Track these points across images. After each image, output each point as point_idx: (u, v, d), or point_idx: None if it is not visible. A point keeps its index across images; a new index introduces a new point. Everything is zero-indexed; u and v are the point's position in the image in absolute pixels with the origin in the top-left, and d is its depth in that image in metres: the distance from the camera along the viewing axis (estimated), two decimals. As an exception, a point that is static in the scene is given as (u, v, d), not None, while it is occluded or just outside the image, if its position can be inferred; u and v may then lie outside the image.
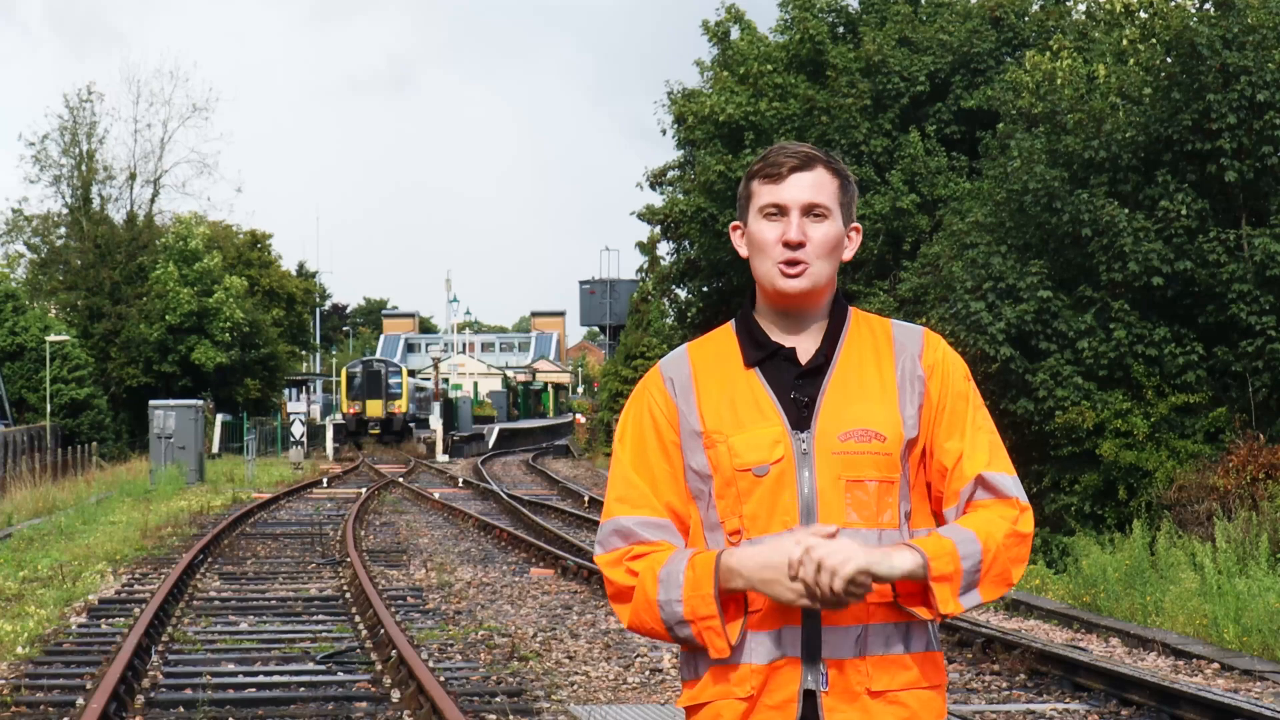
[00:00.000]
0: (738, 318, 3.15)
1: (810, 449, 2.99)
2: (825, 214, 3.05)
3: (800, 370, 3.04)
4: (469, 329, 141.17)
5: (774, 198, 3.05)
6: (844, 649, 2.95)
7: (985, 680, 11.47)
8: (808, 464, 2.98)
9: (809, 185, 3.04)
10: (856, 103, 30.54)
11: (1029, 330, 21.54)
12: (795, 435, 3.00)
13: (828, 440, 2.99)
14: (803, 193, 3.04)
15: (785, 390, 3.03)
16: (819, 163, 3.06)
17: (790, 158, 3.06)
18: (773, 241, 3.04)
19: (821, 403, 3.02)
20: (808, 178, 3.05)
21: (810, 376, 3.04)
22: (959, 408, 3.07)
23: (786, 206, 3.04)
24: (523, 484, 43.11)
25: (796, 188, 3.04)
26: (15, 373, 51.40)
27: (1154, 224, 21.17)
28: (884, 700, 2.97)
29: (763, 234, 3.05)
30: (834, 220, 3.06)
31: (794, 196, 3.04)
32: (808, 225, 3.03)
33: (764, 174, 3.07)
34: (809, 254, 3.02)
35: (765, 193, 3.06)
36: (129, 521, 25.64)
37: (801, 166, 3.05)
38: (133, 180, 60.80)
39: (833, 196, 3.06)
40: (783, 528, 2.95)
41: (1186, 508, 18.78)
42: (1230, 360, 20.87)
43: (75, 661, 12.26)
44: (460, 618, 14.87)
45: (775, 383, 3.04)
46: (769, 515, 2.97)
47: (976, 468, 3.02)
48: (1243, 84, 20.80)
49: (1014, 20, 31.91)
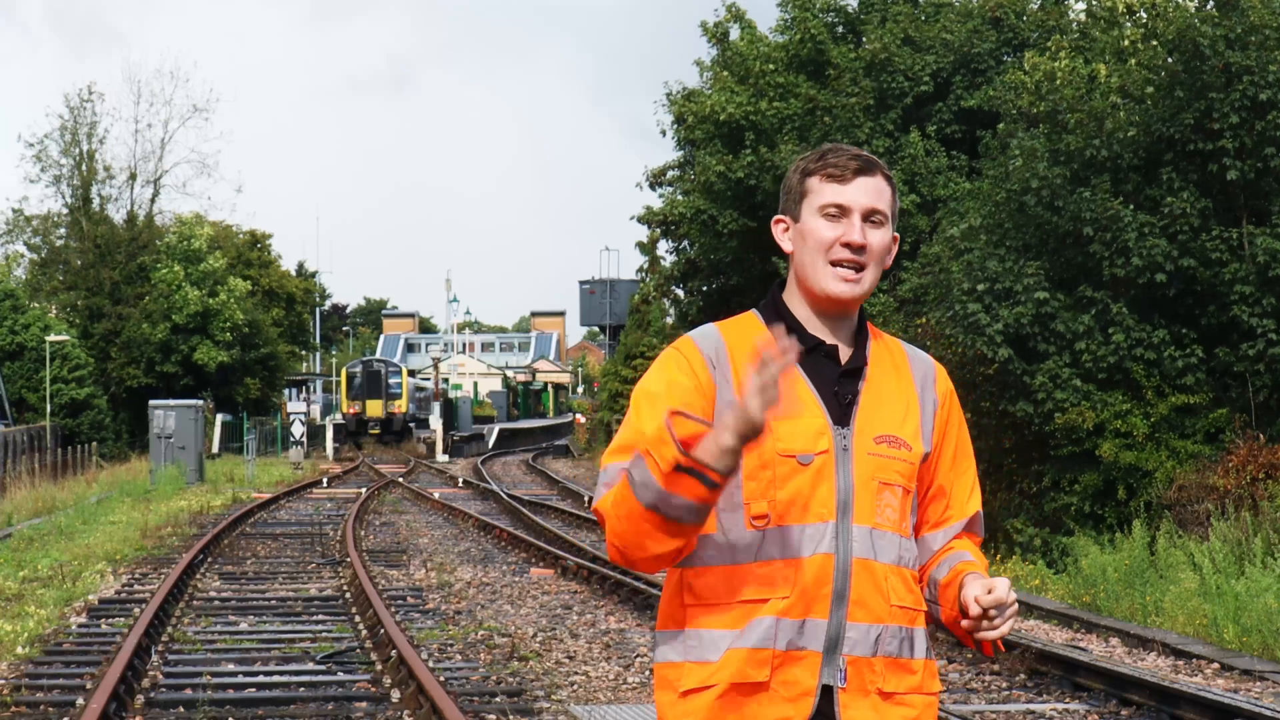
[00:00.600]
0: (764, 309, 3.13)
1: (850, 445, 3.02)
2: (883, 221, 3.07)
3: (841, 369, 3.06)
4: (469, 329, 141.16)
5: (838, 198, 3.04)
6: (864, 647, 2.98)
7: (985, 680, 11.47)
8: (847, 460, 3.01)
9: (872, 190, 3.05)
10: (860, 102, 30.53)
11: (1026, 332, 21.53)
12: (837, 430, 3.02)
13: (864, 440, 3.02)
14: (867, 196, 3.04)
15: (827, 385, 3.04)
16: (878, 169, 3.08)
17: (854, 160, 3.06)
18: (832, 241, 3.03)
19: (860, 403, 3.05)
20: (871, 183, 3.05)
21: (848, 376, 3.07)
22: (964, 443, 3.19)
23: (849, 209, 3.04)
24: (523, 484, 43.12)
25: (861, 191, 3.04)
26: (15, 373, 51.40)
27: (1158, 220, 21.15)
28: (893, 701, 3.01)
29: (821, 233, 3.05)
30: (888, 228, 3.08)
31: (858, 199, 3.04)
32: (867, 230, 3.04)
33: (826, 173, 3.06)
34: (867, 259, 3.04)
35: (828, 192, 3.05)
36: (129, 521, 25.64)
37: (865, 170, 3.06)
38: (133, 180, 60.84)
39: (889, 203, 3.08)
40: (818, 520, 2.97)
41: (1186, 508, 18.78)
42: (1231, 361, 20.86)
43: (75, 661, 12.26)
44: (460, 618, 14.87)
45: (816, 377, 3.05)
46: (805, 505, 2.98)
47: (975, 507, 3.20)
48: (1245, 83, 20.78)
49: (1014, 20, 31.91)
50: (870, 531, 2.99)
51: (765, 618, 2.95)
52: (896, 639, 3.00)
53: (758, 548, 2.98)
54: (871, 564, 2.98)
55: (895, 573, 3.01)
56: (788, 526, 2.97)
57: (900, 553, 3.03)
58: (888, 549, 3.01)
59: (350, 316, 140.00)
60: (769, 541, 2.98)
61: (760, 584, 2.96)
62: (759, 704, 2.97)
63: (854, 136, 30.39)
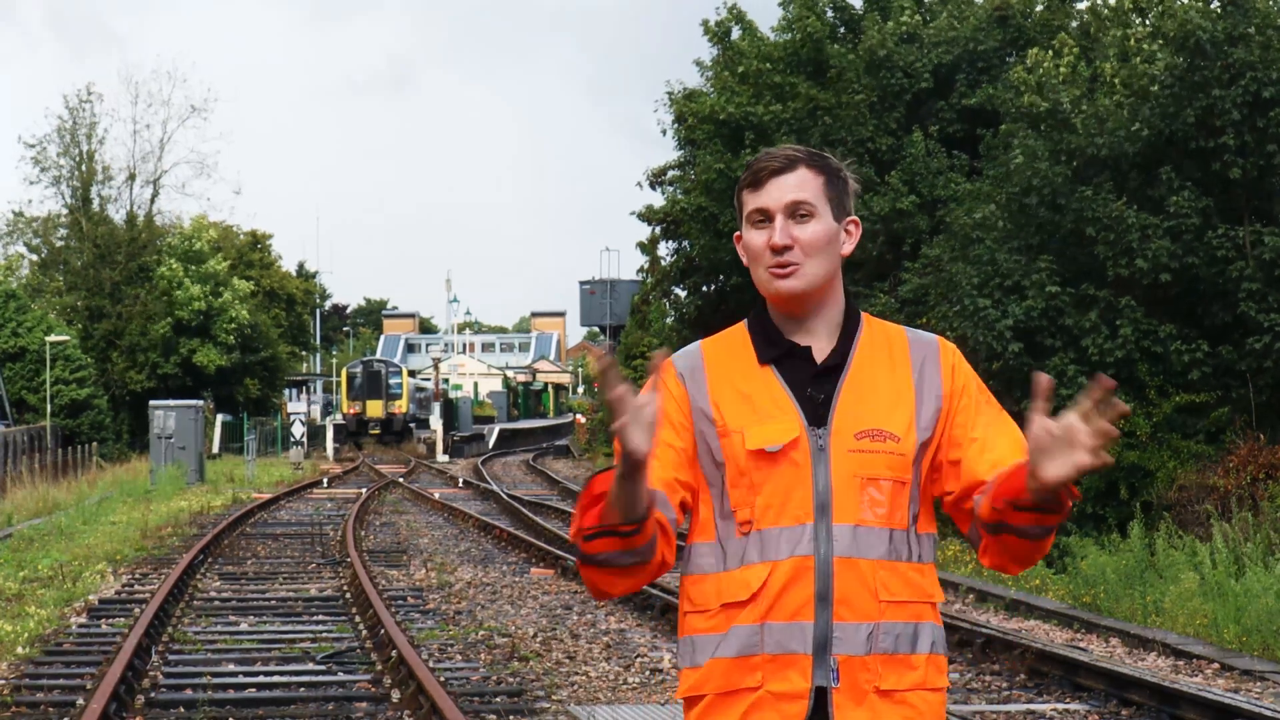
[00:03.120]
0: (751, 317, 3.16)
1: (826, 445, 3.00)
2: (811, 212, 3.05)
3: (816, 369, 3.06)
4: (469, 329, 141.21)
5: (757, 203, 3.07)
6: (854, 645, 2.96)
7: (985, 680, 11.47)
8: (824, 460, 3.00)
9: (790, 186, 3.05)
10: (865, 99, 30.50)
11: (1036, 326, 21.53)
12: (812, 431, 3.01)
13: (844, 438, 3.01)
14: (784, 194, 3.05)
15: (801, 387, 3.05)
16: (800, 163, 3.07)
17: (769, 162, 3.08)
18: (762, 247, 3.06)
19: (837, 401, 3.03)
20: (788, 179, 3.06)
21: (826, 375, 3.06)
22: (985, 408, 3.09)
23: (770, 210, 3.06)
24: (523, 484, 43.11)
25: (778, 190, 3.06)
26: (16, 373, 51.40)
27: (1161, 220, 21.15)
28: (891, 700, 2.98)
29: (752, 241, 3.08)
30: (821, 218, 3.06)
31: (776, 199, 3.05)
32: (793, 227, 3.04)
33: (748, 182, 3.10)
34: (797, 255, 3.04)
35: (750, 200, 3.09)
36: (129, 521, 25.64)
37: (781, 169, 3.06)
38: (132, 181, 60.87)
39: (817, 194, 3.06)
40: (795, 521, 2.97)
41: (1187, 508, 18.78)
42: (1234, 360, 20.85)
43: (75, 661, 12.25)
44: (460, 618, 14.87)
45: (791, 380, 3.05)
46: (781, 507, 2.99)
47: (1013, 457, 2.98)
48: (1247, 80, 20.76)
49: (1019, 20, 31.88)
50: (854, 529, 2.98)
51: (746, 624, 2.96)
52: (892, 634, 2.98)
53: (741, 553, 3.00)
54: (856, 562, 2.97)
55: (887, 567, 2.99)
56: (765, 530, 2.98)
57: (893, 546, 3.00)
58: (875, 544, 2.98)
59: (350, 317, 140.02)
60: (749, 546, 2.99)
61: (739, 588, 2.98)
62: (754, 709, 2.97)
63: (858, 134, 30.37)
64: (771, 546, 2.98)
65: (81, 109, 59.60)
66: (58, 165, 59.64)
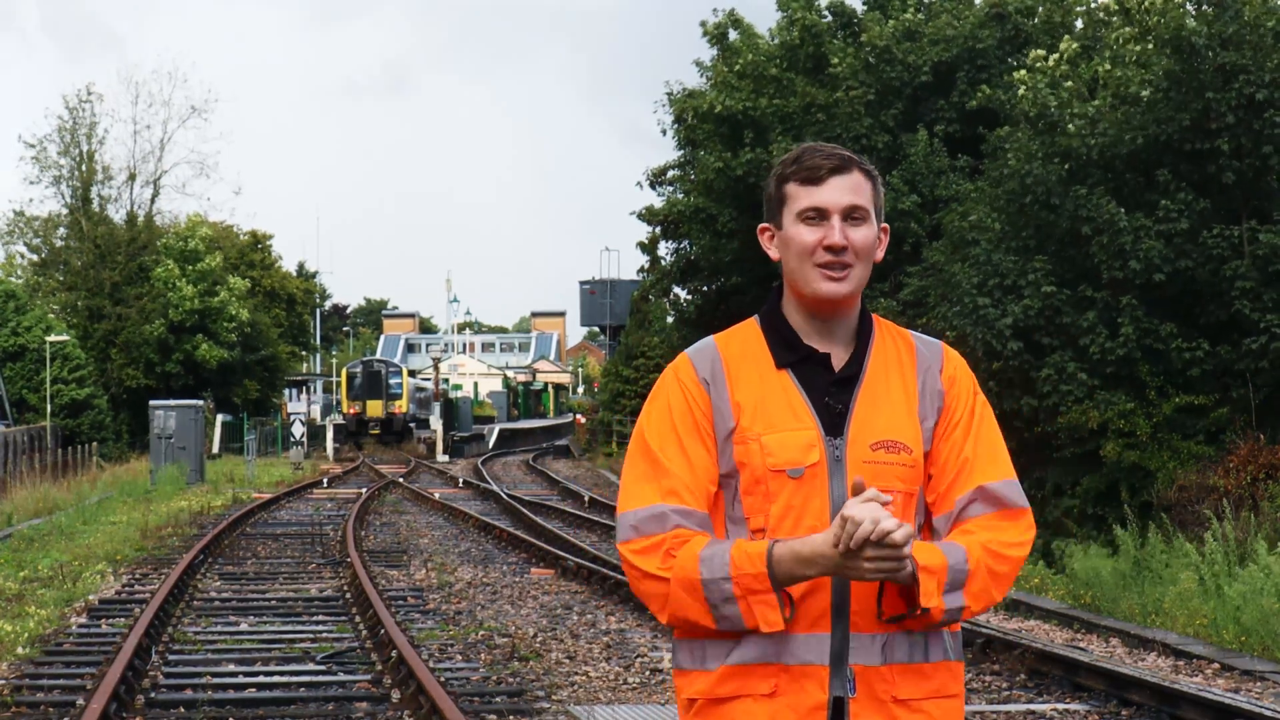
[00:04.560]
0: (763, 316, 3.12)
1: (844, 455, 2.98)
2: (864, 217, 3.02)
3: (833, 377, 3.03)
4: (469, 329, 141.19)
5: (814, 201, 3.01)
6: (870, 656, 2.95)
7: (985, 680, 11.47)
8: (840, 471, 2.97)
9: (848, 188, 3.01)
10: (861, 96, 30.48)
11: (1034, 324, 21.53)
12: (829, 441, 2.99)
13: (859, 449, 2.99)
14: (843, 195, 3.01)
15: (819, 395, 3.01)
16: (854, 165, 3.04)
17: (827, 159, 3.02)
18: (814, 245, 3.01)
19: (854, 411, 3.01)
20: (846, 180, 3.02)
21: (842, 384, 3.03)
22: (968, 419, 3.08)
23: (828, 210, 3.01)
24: (523, 484, 43.11)
25: (837, 190, 3.01)
26: (16, 373, 51.39)
27: (1154, 223, 21.15)
28: (909, 709, 2.97)
29: (802, 238, 3.02)
30: (871, 223, 3.04)
31: (834, 200, 3.01)
32: (848, 229, 3.01)
33: (800, 177, 3.03)
34: (850, 257, 3.00)
35: (804, 196, 3.03)
36: (129, 521, 25.63)
37: (839, 169, 3.02)
38: (132, 181, 60.84)
39: (869, 198, 3.04)
40: (810, 532, 2.93)
41: (1187, 508, 18.78)
42: (1233, 359, 20.84)
43: (75, 661, 12.25)
44: (460, 618, 14.87)
45: (808, 386, 3.02)
46: (797, 518, 2.96)
47: (979, 479, 3.02)
48: (1241, 83, 20.77)
49: (1019, 20, 31.85)
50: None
51: (760, 633, 2.94)
52: (906, 644, 2.97)
53: None
54: None
55: None
56: (785, 540, 2.95)
57: None
58: None
59: (350, 317, 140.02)
60: None
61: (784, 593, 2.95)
62: (767, 715, 2.96)
63: (852, 131, 30.35)
64: None
65: (81, 109, 59.63)
66: (58, 165, 59.67)
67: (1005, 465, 3.07)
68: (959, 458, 3.04)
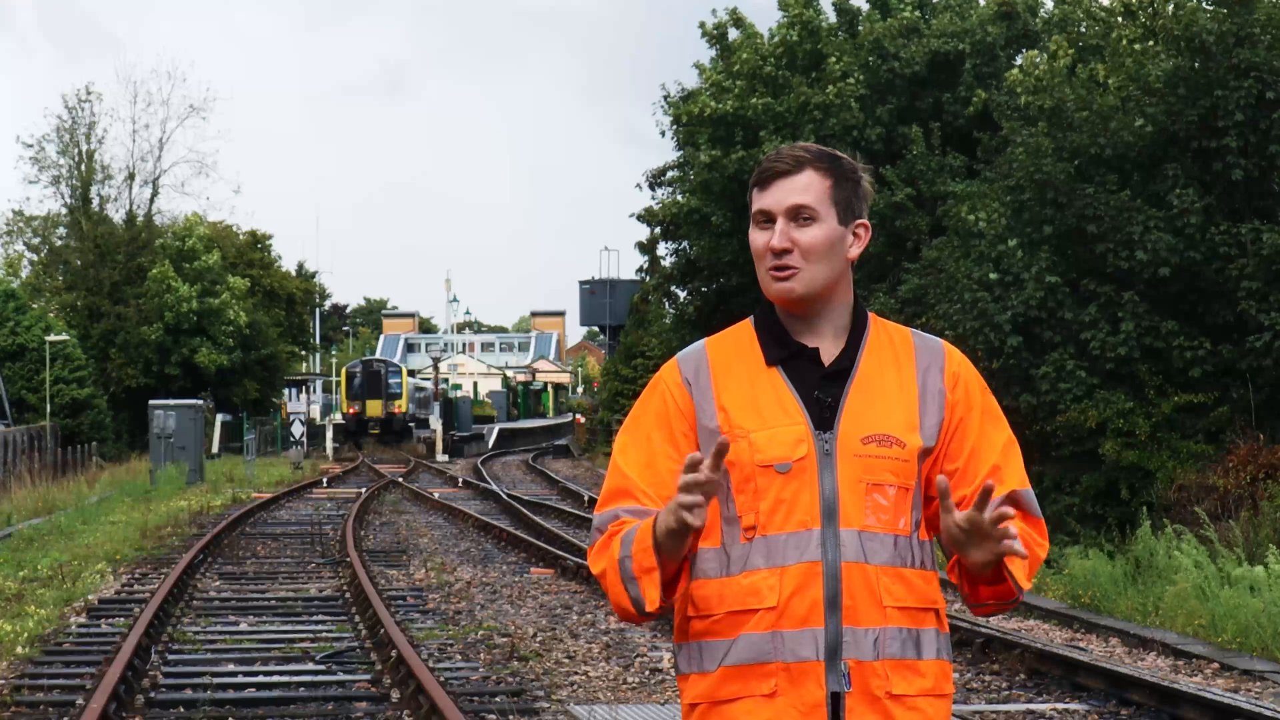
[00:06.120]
0: (757, 315, 3.14)
1: (833, 449, 2.99)
2: (813, 216, 3.03)
3: (823, 371, 3.04)
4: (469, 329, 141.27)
5: (760, 204, 3.06)
6: (863, 650, 2.96)
7: (985, 680, 11.47)
8: (830, 465, 2.98)
9: (795, 189, 3.03)
10: (853, 90, 30.44)
11: (1035, 318, 21.51)
12: (819, 435, 3.00)
13: (850, 442, 2.99)
14: (787, 197, 3.03)
15: (808, 390, 3.03)
16: (808, 164, 3.05)
17: (776, 163, 3.06)
18: (763, 248, 3.05)
19: (845, 404, 3.02)
20: (794, 181, 3.04)
21: (833, 378, 3.04)
22: (983, 420, 3.11)
23: (772, 213, 3.04)
24: (522, 484, 43.11)
25: (781, 193, 3.04)
26: (16, 373, 51.37)
27: (1163, 214, 21.12)
28: (903, 705, 2.98)
29: (754, 241, 3.08)
30: (824, 222, 3.04)
31: (778, 201, 3.04)
32: (793, 230, 3.03)
33: (755, 181, 3.10)
34: (796, 259, 3.02)
35: (755, 200, 3.08)
36: (129, 521, 25.63)
37: (788, 171, 3.04)
38: (131, 180, 60.84)
39: (822, 197, 3.04)
40: (801, 527, 2.95)
41: (1186, 508, 18.76)
42: (1234, 359, 20.82)
43: (75, 661, 12.26)
44: (460, 618, 14.87)
45: (798, 382, 3.04)
46: (788, 513, 2.97)
47: (1011, 484, 3.06)
48: (1251, 80, 20.72)
49: (1026, 17, 31.81)
50: (859, 534, 2.96)
51: (757, 632, 2.95)
52: (898, 640, 2.97)
53: (745, 558, 2.98)
54: (864, 567, 2.96)
55: (890, 573, 2.98)
56: (771, 535, 2.97)
57: (897, 552, 3.00)
58: (880, 551, 2.98)
59: (350, 316, 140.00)
60: (755, 552, 2.98)
61: (747, 595, 2.96)
62: (770, 715, 2.96)
63: (844, 122, 30.31)
64: (778, 552, 2.97)
65: (80, 109, 59.65)
66: (57, 165, 59.68)
67: (1024, 472, 3.13)
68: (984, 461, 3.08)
